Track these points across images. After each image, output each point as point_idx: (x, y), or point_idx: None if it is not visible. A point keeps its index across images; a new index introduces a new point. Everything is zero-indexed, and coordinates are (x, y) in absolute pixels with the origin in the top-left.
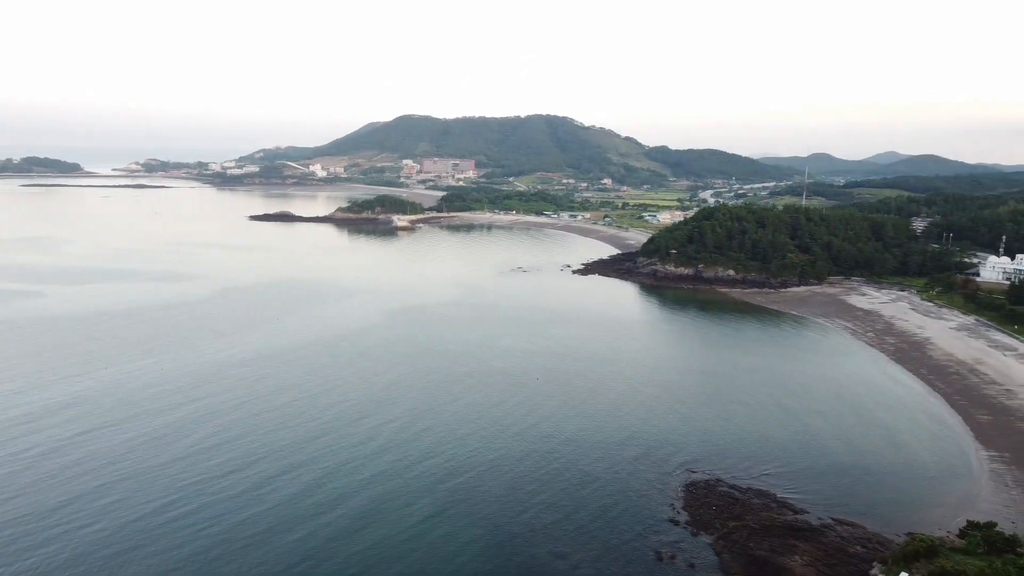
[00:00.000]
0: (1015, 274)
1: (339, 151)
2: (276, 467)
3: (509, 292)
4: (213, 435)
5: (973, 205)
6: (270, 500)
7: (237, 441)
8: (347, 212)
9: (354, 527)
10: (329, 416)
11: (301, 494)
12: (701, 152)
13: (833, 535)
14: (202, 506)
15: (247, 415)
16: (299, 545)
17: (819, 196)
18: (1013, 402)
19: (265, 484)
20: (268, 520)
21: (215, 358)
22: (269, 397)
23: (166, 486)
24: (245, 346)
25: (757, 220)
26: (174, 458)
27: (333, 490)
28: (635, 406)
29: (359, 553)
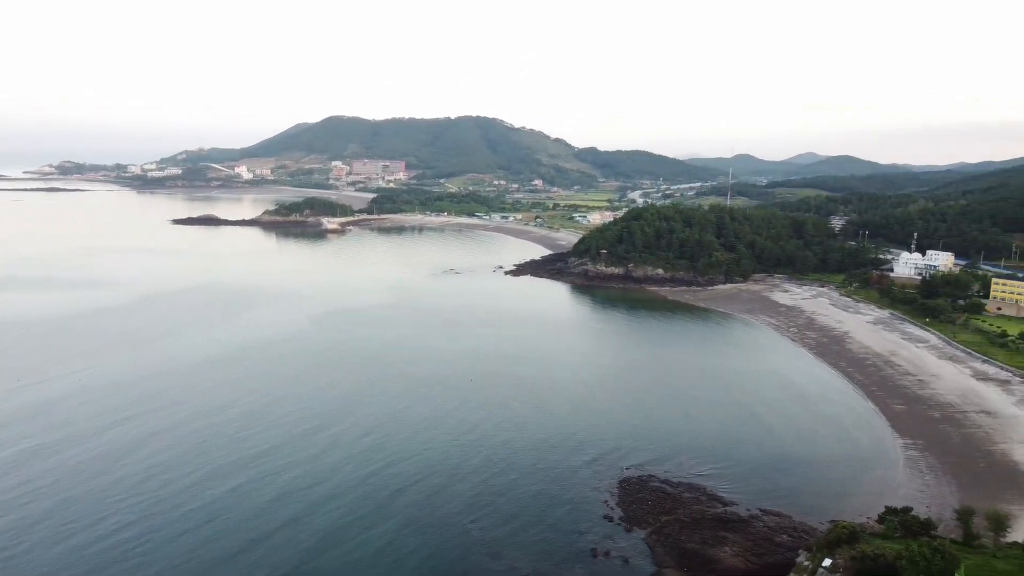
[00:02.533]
0: (926, 269)
1: (266, 153)
2: (214, 483)
3: (442, 294)
4: (146, 453)
5: (886, 204)
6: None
7: (170, 458)
8: (275, 215)
9: (289, 541)
10: (260, 427)
11: (235, 509)
12: (629, 153)
13: (761, 525)
14: (144, 531)
15: (178, 430)
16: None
17: (743, 196)
18: (925, 391)
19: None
20: (211, 536)
21: (135, 369)
22: (197, 410)
23: (102, 511)
24: (168, 355)
25: (684, 220)
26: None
27: (264, 502)
28: (568, 406)
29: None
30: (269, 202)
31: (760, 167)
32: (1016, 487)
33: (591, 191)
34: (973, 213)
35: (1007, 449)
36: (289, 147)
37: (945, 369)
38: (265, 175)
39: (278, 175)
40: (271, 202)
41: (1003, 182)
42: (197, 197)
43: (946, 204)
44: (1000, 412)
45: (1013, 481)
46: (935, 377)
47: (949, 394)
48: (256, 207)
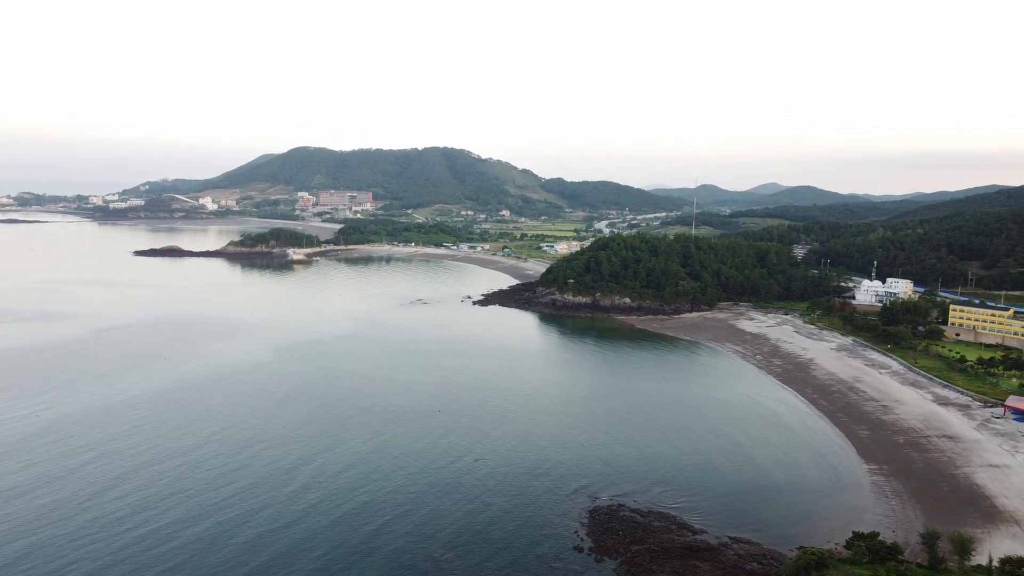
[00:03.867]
0: (886, 296)
1: (230, 183)
2: (176, 515)
3: (409, 325)
4: (115, 495)
5: (847, 232)
6: (175, 548)
7: (139, 500)
8: (240, 246)
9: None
10: (228, 464)
11: (208, 550)
12: (596, 184)
13: (731, 553)
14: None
15: (146, 470)
16: None
17: (707, 225)
18: (889, 417)
19: (172, 541)
20: (175, 566)
21: (97, 405)
22: (164, 447)
23: (70, 556)
24: (128, 388)
25: (650, 249)
26: (78, 523)
27: (236, 544)
28: (537, 435)
29: None
30: (234, 233)
31: (723, 197)
32: (979, 510)
33: (558, 221)
34: (930, 241)
35: (969, 473)
36: (254, 178)
37: (907, 394)
38: (230, 206)
39: (243, 206)
40: (236, 233)
41: (958, 211)
42: (160, 228)
43: (904, 233)
44: (961, 436)
45: (975, 505)
46: (898, 403)
47: (912, 419)
48: (221, 238)
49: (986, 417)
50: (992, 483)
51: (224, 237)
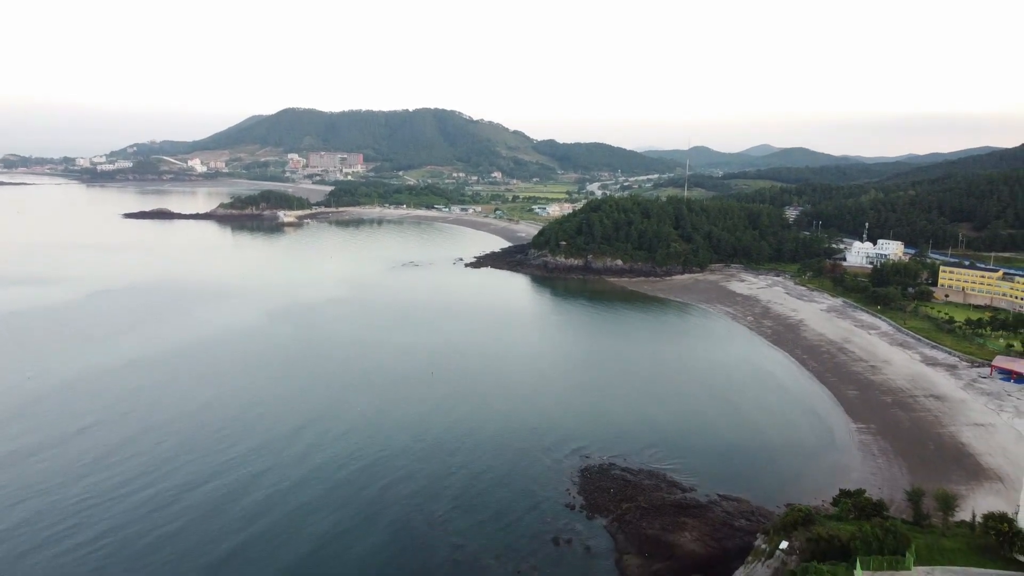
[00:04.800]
0: (877, 258)
1: (219, 145)
2: (179, 479)
3: (402, 288)
4: (116, 459)
5: (839, 194)
6: (176, 514)
7: (133, 455)
8: (230, 208)
9: (250, 537)
10: (224, 426)
11: (201, 505)
12: (588, 146)
13: (719, 510)
14: (109, 528)
15: (137, 428)
16: (207, 556)
17: (699, 187)
18: (877, 377)
19: (168, 495)
20: (175, 533)
21: (91, 369)
22: (157, 408)
23: (73, 521)
24: (122, 353)
25: (642, 211)
26: (74, 480)
27: (234, 502)
28: (530, 397)
29: (258, 561)
30: (224, 195)
31: (716, 159)
32: (963, 468)
33: (550, 183)
34: (922, 203)
35: (955, 431)
36: (243, 139)
37: (896, 355)
38: (219, 168)
39: (233, 168)
40: (226, 195)
41: (950, 173)
42: (149, 191)
43: (896, 195)
44: (948, 396)
45: (960, 462)
46: (886, 363)
47: (900, 379)
48: (210, 200)
49: (973, 377)
50: (977, 441)
51: (214, 199)
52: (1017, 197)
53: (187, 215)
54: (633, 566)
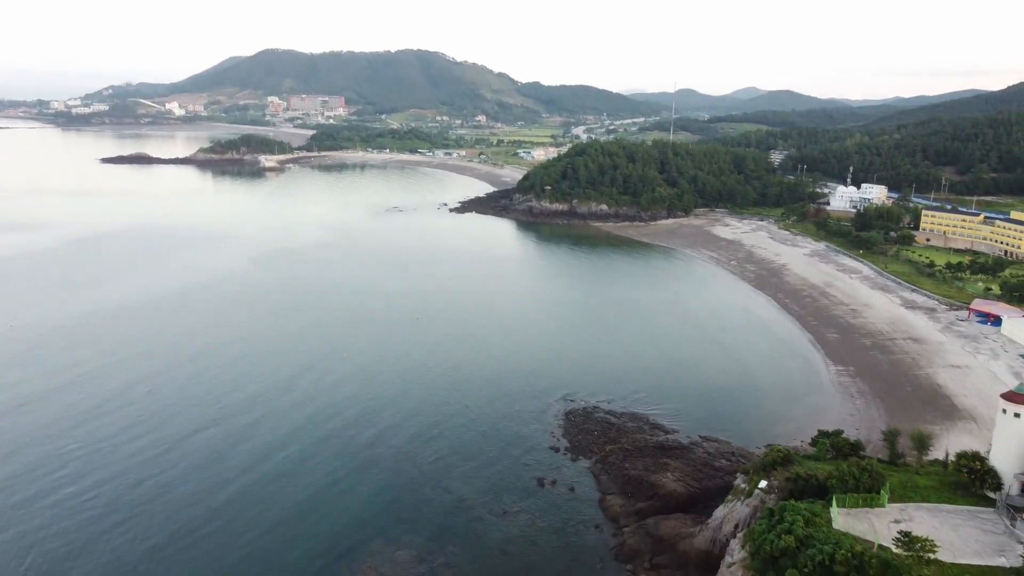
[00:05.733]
0: (860, 202)
1: (197, 88)
2: (170, 429)
3: (386, 233)
4: (98, 400)
5: (824, 138)
6: (172, 463)
7: (126, 405)
8: (210, 153)
9: (248, 481)
10: (212, 375)
11: (201, 453)
12: (573, 88)
13: (701, 451)
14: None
15: (129, 378)
16: (204, 503)
17: (685, 131)
18: (857, 320)
19: (164, 444)
20: (170, 483)
21: (70, 315)
22: (147, 357)
23: (63, 458)
24: (104, 300)
25: (628, 155)
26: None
27: (225, 447)
28: (513, 342)
29: (251, 503)
30: (203, 139)
31: (702, 102)
32: (938, 408)
33: (535, 127)
34: (906, 147)
35: (931, 373)
36: (222, 82)
37: (876, 299)
38: (198, 111)
39: (212, 111)
40: (205, 139)
41: (935, 116)
42: (126, 135)
43: (881, 138)
44: (926, 339)
45: (935, 403)
46: (867, 307)
47: (879, 322)
48: (190, 145)
49: (951, 320)
50: (952, 383)
51: (193, 144)
52: (1001, 140)
53: (166, 160)
54: (616, 506)
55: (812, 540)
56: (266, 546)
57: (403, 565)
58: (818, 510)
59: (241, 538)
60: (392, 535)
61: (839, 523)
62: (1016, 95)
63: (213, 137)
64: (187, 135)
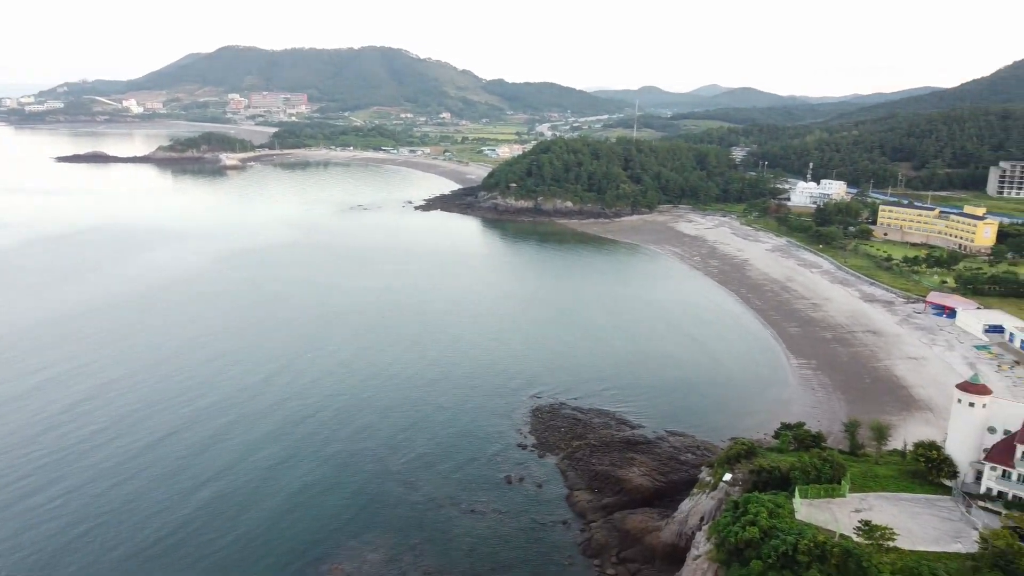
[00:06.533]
0: (820, 198)
1: (156, 85)
2: (141, 434)
3: (351, 231)
4: (66, 404)
5: (785, 135)
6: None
7: (96, 409)
8: (169, 151)
9: (217, 488)
10: (183, 378)
11: (171, 454)
12: (538, 85)
13: (666, 446)
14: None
15: (97, 382)
16: (174, 510)
17: (649, 128)
18: (818, 314)
19: (130, 451)
20: (142, 490)
21: (33, 318)
22: (112, 359)
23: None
24: (67, 302)
25: (592, 152)
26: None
27: (198, 447)
28: (480, 339)
29: (224, 502)
30: (162, 137)
31: (665, 99)
32: (897, 399)
33: (499, 124)
34: (864, 143)
35: (890, 365)
36: (181, 79)
37: (836, 292)
38: (156, 109)
39: (171, 109)
40: (165, 137)
41: (892, 113)
42: (82, 133)
43: (840, 135)
44: (884, 331)
45: (894, 394)
46: (827, 300)
47: (839, 316)
48: (149, 143)
49: (908, 312)
50: (910, 374)
51: (152, 142)
52: (955, 137)
53: (124, 158)
54: (583, 501)
55: (776, 531)
56: (236, 552)
57: (372, 566)
58: (781, 501)
59: (211, 545)
60: (361, 536)
61: (802, 514)
62: (969, 92)
63: (173, 135)
64: (146, 133)
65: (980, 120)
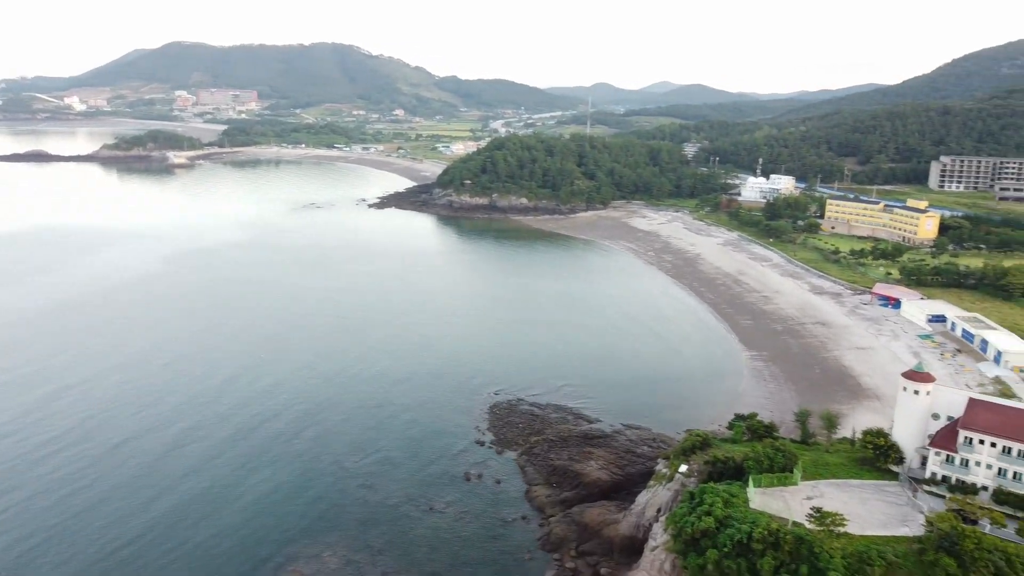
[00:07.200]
0: (770, 193)
1: (99, 81)
2: (97, 443)
3: (304, 230)
4: (16, 413)
5: (735, 131)
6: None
7: (46, 417)
8: (114, 149)
9: (168, 490)
10: (137, 383)
11: (127, 463)
12: (491, 82)
13: (623, 439)
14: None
15: (45, 388)
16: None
17: (602, 124)
18: (769, 307)
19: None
20: (103, 497)
21: None
22: (64, 365)
23: None
24: (15, 306)
25: (546, 149)
26: None
27: (155, 455)
28: (437, 338)
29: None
30: (107, 135)
31: (618, 96)
32: (846, 388)
33: (453, 121)
34: (812, 139)
35: (838, 355)
36: (126, 75)
37: (786, 285)
38: (100, 106)
39: (116, 106)
40: (110, 135)
41: (838, 109)
42: (22, 131)
43: (788, 131)
44: (833, 322)
45: (843, 384)
46: (778, 293)
47: (790, 308)
48: (93, 141)
49: (855, 304)
50: (858, 364)
51: (96, 140)
52: (898, 132)
53: (68, 157)
54: (542, 496)
55: (731, 520)
56: (195, 561)
57: (331, 569)
58: (736, 491)
59: (169, 555)
60: (319, 539)
61: (756, 502)
62: (911, 89)
63: (118, 133)
64: (89, 131)
65: (921, 116)
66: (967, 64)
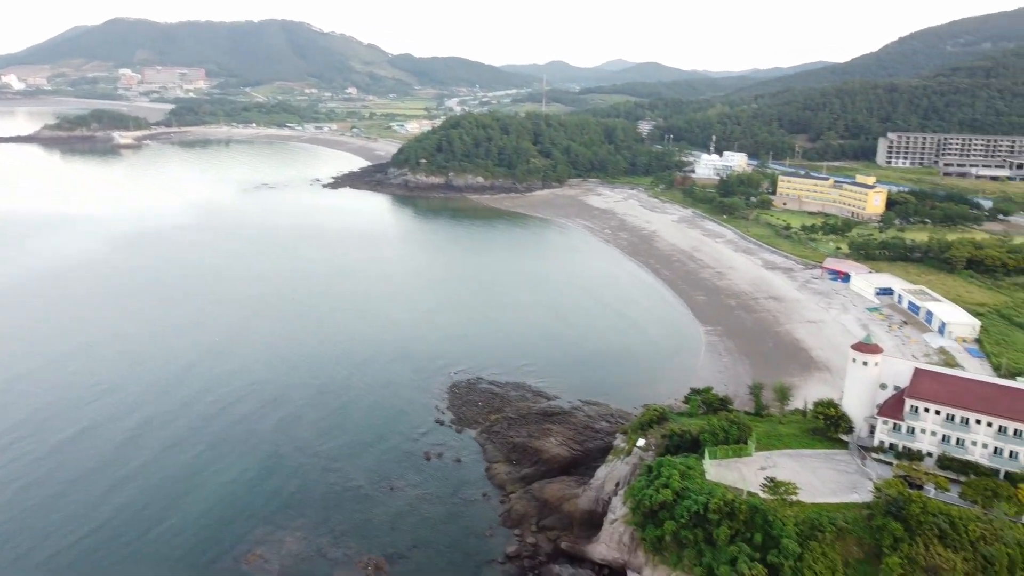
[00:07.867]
0: (723, 170)
1: (39, 59)
2: (51, 434)
3: (256, 211)
4: None
5: (688, 108)
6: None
7: None
8: (56, 130)
9: (126, 480)
10: (90, 371)
11: (88, 450)
12: (446, 60)
13: (582, 415)
14: None
15: None
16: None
17: (558, 103)
18: (723, 283)
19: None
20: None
21: None
22: (12, 355)
23: None
24: None
25: (502, 127)
26: None
27: (114, 445)
28: (394, 318)
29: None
30: (48, 115)
31: (573, 74)
32: (797, 361)
33: (408, 99)
34: (763, 116)
35: (791, 329)
36: (67, 52)
37: (740, 261)
38: (40, 84)
39: (57, 84)
40: (51, 115)
41: (788, 87)
42: None
43: (740, 109)
44: (785, 297)
45: (795, 356)
46: (731, 269)
47: (743, 283)
48: (33, 121)
49: (807, 278)
50: (809, 337)
51: (37, 120)
52: (847, 109)
53: (6, 138)
54: (502, 473)
55: (688, 492)
56: (156, 551)
57: (291, 551)
58: (692, 463)
59: (129, 547)
60: (279, 522)
61: (712, 474)
62: (859, 67)
63: (59, 113)
64: (29, 111)
65: (869, 94)
66: (913, 42)
